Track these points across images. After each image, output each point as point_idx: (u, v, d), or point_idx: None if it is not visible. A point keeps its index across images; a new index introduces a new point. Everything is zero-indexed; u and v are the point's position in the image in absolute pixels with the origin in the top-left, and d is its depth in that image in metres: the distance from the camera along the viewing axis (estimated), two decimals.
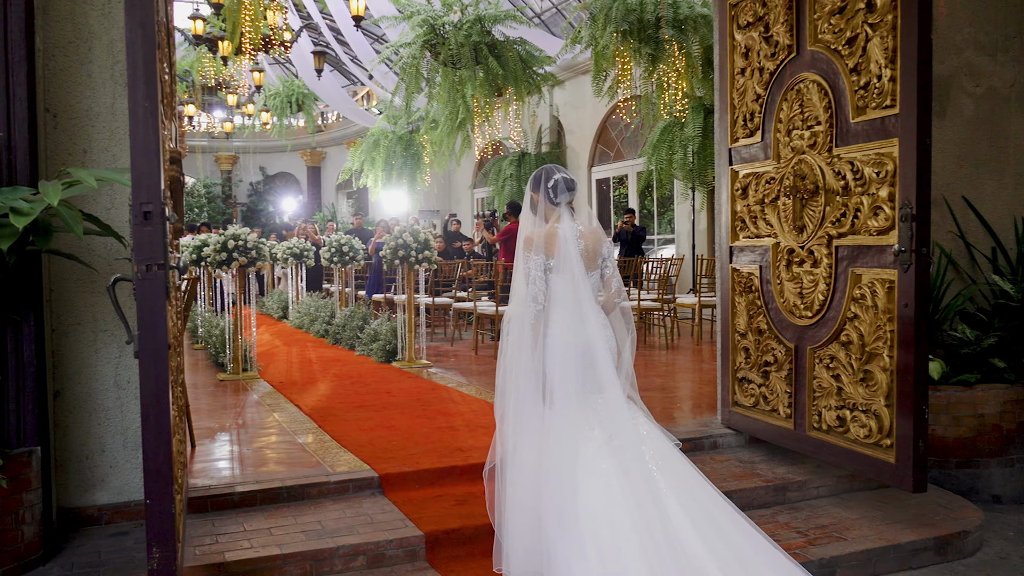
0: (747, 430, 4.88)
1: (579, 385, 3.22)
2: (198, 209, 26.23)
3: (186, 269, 2.41)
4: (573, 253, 3.25)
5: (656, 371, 7.64)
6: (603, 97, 11.60)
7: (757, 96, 4.65)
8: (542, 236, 3.31)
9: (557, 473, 3.04)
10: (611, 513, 2.92)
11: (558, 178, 3.36)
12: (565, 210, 3.34)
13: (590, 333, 3.23)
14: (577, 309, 3.25)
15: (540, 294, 3.26)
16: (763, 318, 4.66)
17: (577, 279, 3.25)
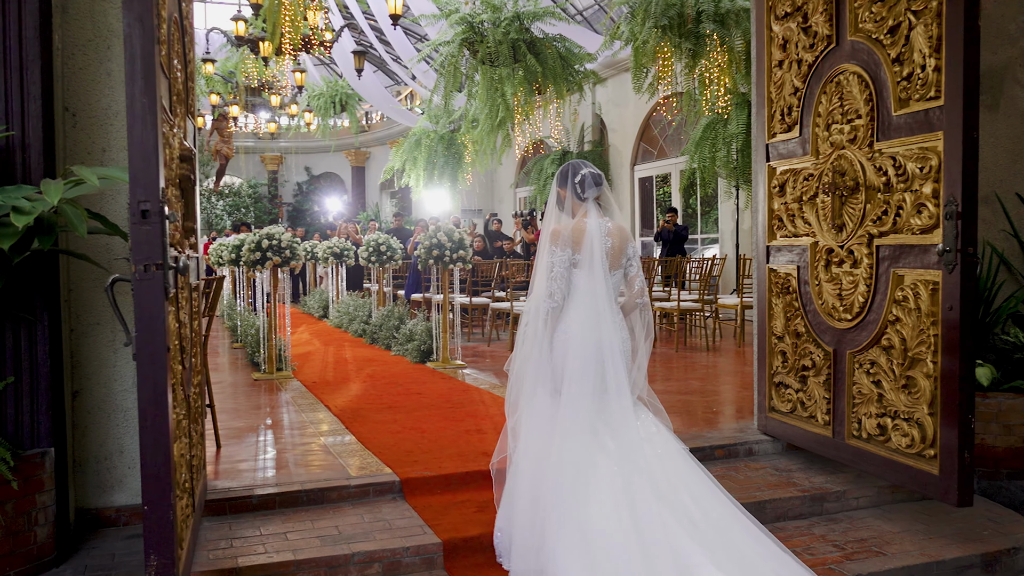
0: (784, 437, 4.69)
1: (589, 384, 3.16)
2: (244, 209, 26.58)
3: (186, 270, 2.33)
4: (599, 250, 3.20)
5: (695, 373, 7.45)
6: (645, 94, 11.41)
7: (795, 89, 4.47)
8: (569, 230, 3.25)
9: (559, 473, 3.01)
10: (608, 517, 2.88)
11: (585, 173, 3.30)
12: (592, 206, 3.29)
13: (605, 332, 3.18)
14: (595, 307, 3.20)
15: (558, 291, 3.21)
16: (801, 320, 4.47)
17: (599, 276, 3.20)
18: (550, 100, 13.30)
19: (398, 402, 6.16)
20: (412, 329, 8.83)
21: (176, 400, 2.61)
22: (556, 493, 2.99)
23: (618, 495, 2.93)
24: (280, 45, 11.07)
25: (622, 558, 2.79)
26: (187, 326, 3.15)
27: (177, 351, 2.74)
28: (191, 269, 3.50)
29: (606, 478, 2.99)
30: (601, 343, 3.17)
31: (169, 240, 2.70)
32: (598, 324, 3.18)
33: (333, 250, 12.79)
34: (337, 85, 19.90)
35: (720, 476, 4.35)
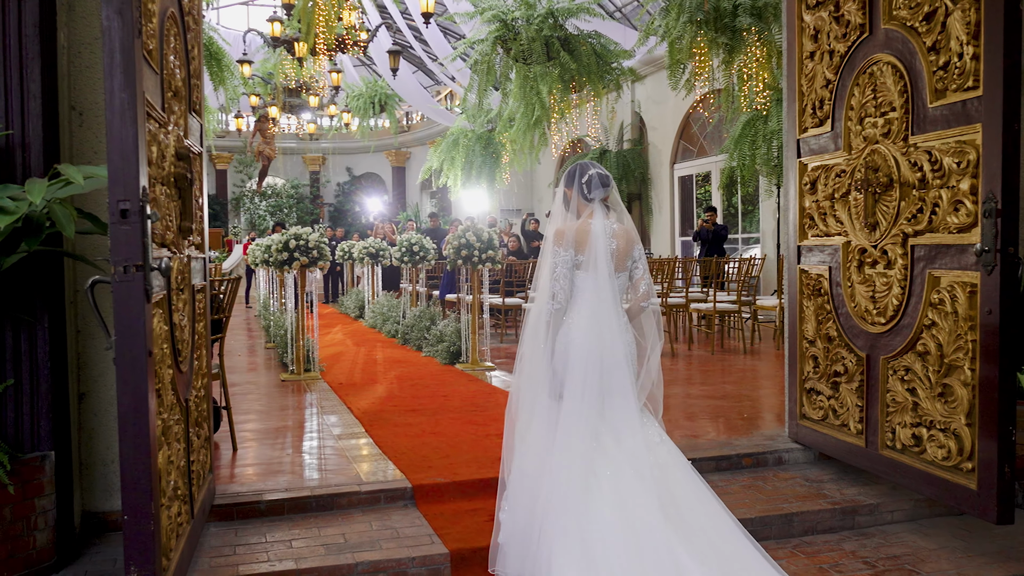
0: (815, 445, 4.49)
1: (592, 388, 3.07)
2: (286, 209, 26.84)
3: (169, 271, 2.25)
4: (603, 251, 3.13)
5: (729, 377, 7.23)
6: (684, 92, 11.17)
7: (827, 82, 4.26)
8: (573, 231, 3.18)
9: (560, 479, 2.93)
10: (607, 527, 2.80)
11: (592, 174, 3.22)
12: (599, 207, 3.21)
13: (609, 335, 3.10)
14: (599, 309, 3.12)
15: (560, 292, 3.14)
16: (833, 324, 4.26)
17: (603, 278, 3.12)
18: (587, 98, 13.12)
19: (421, 405, 6.06)
20: (442, 330, 8.75)
21: (163, 405, 2.53)
22: (556, 501, 2.90)
23: (619, 505, 2.85)
24: (314, 45, 11.07)
25: (620, 569, 2.71)
26: (185, 328, 3.07)
27: (168, 355, 2.67)
28: (195, 270, 3.44)
29: (608, 486, 2.90)
30: (604, 346, 3.09)
31: (160, 240, 2.62)
32: (602, 327, 3.10)
33: (369, 250, 12.77)
34: (376, 85, 19.93)
35: (747, 486, 4.19)
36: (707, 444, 4.74)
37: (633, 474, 2.91)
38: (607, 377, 3.08)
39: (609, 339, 3.10)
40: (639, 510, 2.81)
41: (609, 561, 2.73)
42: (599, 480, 2.91)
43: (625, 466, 2.93)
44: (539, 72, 11.14)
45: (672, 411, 5.71)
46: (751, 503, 3.95)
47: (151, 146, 2.49)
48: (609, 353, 3.09)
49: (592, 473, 2.93)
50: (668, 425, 5.21)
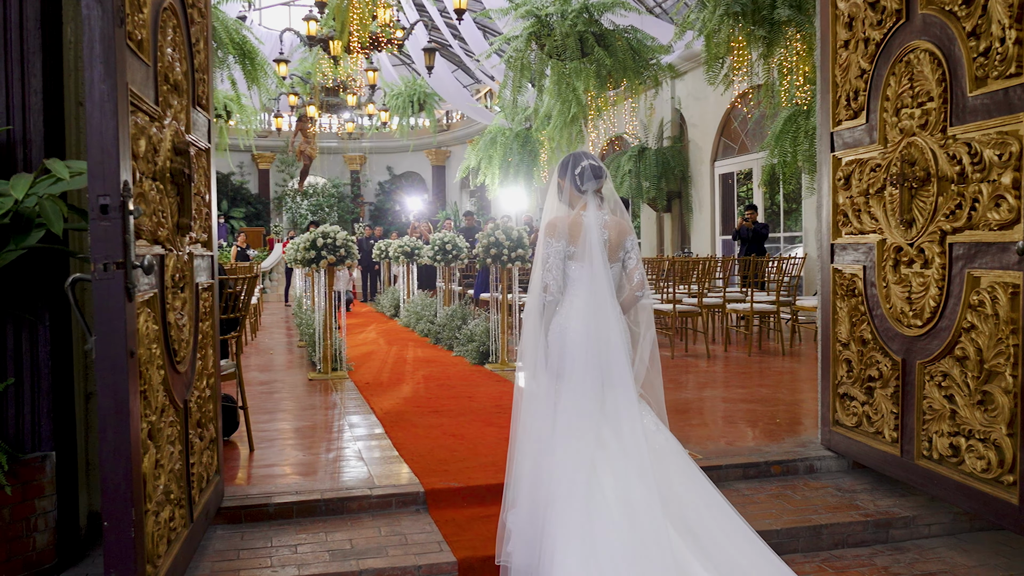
0: (848, 454, 4.28)
1: (589, 378, 3.04)
2: (327, 208, 27.01)
3: (151, 269, 2.16)
4: (596, 243, 3.13)
5: (765, 380, 7.01)
6: (724, 87, 10.90)
7: (862, 71, 4.05)
8: (566, 223, 3.19)
9: (559, 470, 2.90)
10: (606, 516, 2.78)
11: (586, 165, 3.22)
12: (592, 198, 3.21)
13: (604, 325, 3.08)
14: (593, 300, 3.11)
15: (552, 283, 3.15)
16: (867, 326, 4.05)
17: (597, 269, 3.11)
18: (625, 95, 12.91)
19: (445, 406, 5.96)
20: (472, 330, 8.64)
21: (151, 408, 2.45)
22: (557, 492, 2.86)
23: (619, 496, 2.82)
24: (348, 43, 11.04)
25: (619, 557, 2.68)
26: (185, 328, 3.00)
27: (160, 355, 2.59)
28: (200, 268, 3.37)
29: (607, 478, 2.87)
30: (599, 336, 3.07)
31: (151, 237, 2.54)
32: (596, 317, 3.09)
33: (404, 249, 12.73)
34: (415, 84, 19.92)
35: (775, 496, 4.00)
36: (735, 450, 4.55)
37: (633, 465, 2.87)
38: (605, 367, 3.05)
39: (605, 329, 3.07)
40: (639, 502, 2.78)
41: (610, 553, 2.69)
42: (598, 471, 2.88)
43: (624, 457, 2.90)
44: (574, 68, 10.97)
45: (702, 415, 5.53)
46: (778, 513, 3.77)
47: (138, 140, 2.41)
48: (605, 343, 3.06)
49: (591, 464, 2.90)
50: (694, 429, 5.06)
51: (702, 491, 3.00)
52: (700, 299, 8.99)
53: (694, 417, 5.45)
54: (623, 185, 16.02)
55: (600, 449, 2.94)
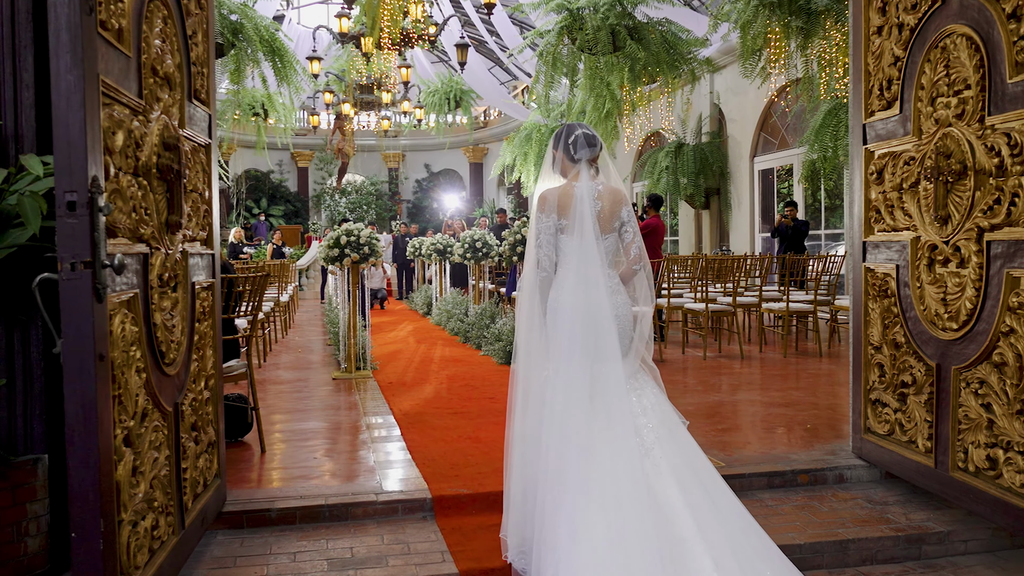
0: (880, 463, 4.06)
1: (583, 353, 2.99)
2: (365, 206, 27.10)
3: (122, 268, 2.06)
4: (588, 213, 3.07)
5: (799, 383, 6.76)
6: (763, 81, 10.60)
7: (895, 59, 3.82)
8: (556, 195, 3.16)
9: (548, 443, 2.90)
10: (597, 494, 2.74)
11: (579, 133, 3.17)
12: (585, 168, 3.16)
13: (597, 298, 3.03)
14: (586, 273, 3.06)
15: (545, 258, 3.14)
16: (900, 329, 3.83)
17: (589, 241, 3.06)
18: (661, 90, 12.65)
19: (466, 407, 5.83)
20: (500, 329, 8.50)
21: (128, 412, 2.35)
22: (549, 467, 2.85)
23: (609, 473, 2.78)
24: (379, 40, 10.97)
25: (602, 536, 2.65)
26: (175, 328, 2.90)
27: (142, 358, 2.49)
28: (198, 267, 3.28)
29: (597, 454, 2.84)
30: (592, 310, 3.01)
31: (131, 234, 2.45)
32: (590, 290, 3.03)
33: (436, 247, 12.64)
34: (452, 81, 19.84)
35: (800, 507, 3.80)
36: (761, 457, 4.35)
37: (623, 441, 2.84)
38: (596, 341, 3.00)
39: (597, 302, 3.01)
40: (628, 480, 2.75)
41: (601, 532, 2.66)
42: (590, 446, 2.85)
43: (614, 432, 2.87)
44: (607, 63, 10.76)
45: (728, 419, 5.32)
46: (802, 526, 3.57)
47: (114, 133, 2.31)
48: (597, 316, 3.01)
49: (582, 439, 2.86)
50: (719, 434, 4.85)
51: (698, 470, 2.95)
52: (734, 298, 8.74)
53: (720, 421, 5.25)
54: (660, 182, 15.75)
55: (591, 426, 2.90)
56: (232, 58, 9.51)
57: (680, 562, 2.61)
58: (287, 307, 12.28)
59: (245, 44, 9.25)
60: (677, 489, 2.79)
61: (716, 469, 3.06)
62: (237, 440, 4.88)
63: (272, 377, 7.39)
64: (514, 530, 3.06)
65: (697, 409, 5.67)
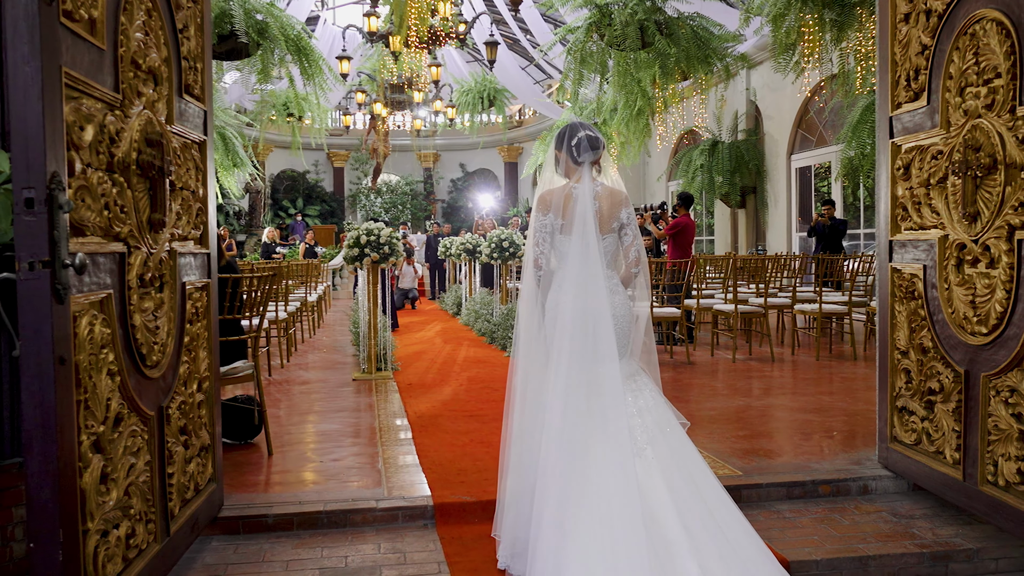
0: (907, 474, 3.85)
1: (580, 352, 2.97)
2: (400, 206, 27.14)
3: (83, 268, 1.96)
4: (587, 214, 3.06)
5: (829, 387, 6.52)
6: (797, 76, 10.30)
7: (923, 47, 3.62)
8: (555, 196, 3.16)
9: (547, 443, 2.87)
10: (588, 489, 2.73)
11: (582, 136, 3.16)
12: (587, 169, 3.16)
13: (596, 299, 3.01)
14: (585, 273, 3.04)
15: (542, 257, 3.15)
16: (927, 333, 3.62)
17: (588, 242, 3.05)
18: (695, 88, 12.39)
19: (482, 410, 5.71)
20: None
21: (96, 418, 2.27)
22: (544, 466, 2.83)
23: (603, 473, 2.77)
24: (407, 38, 10.90)
25: (600, 535, 2.62)
26: (160, 330, 2.81)
27: (116, 360, 2.40)
28: (189, 266, 3.20)
29: (592, 453, 2.83)
30: (591, 310, 2.99)
31: (103, 233, 2.36)
32: (588, 290, 3.02)
33: (465, 246, 12.54)
34: (485, 80, 19.71)
35: (820, 519, 3.61)
36: (781, 466, 4.17)
37: (616, 442, 2.81)
38: (595, 341, 2.98)
39: (595, 303, 3.00)
40: (621, 482, 2.71)
41: (592, 533, 2.63)
42: (585, 447, 2.83)
43: (608, 433, 2.85)
44: (637, 59, 10.55)
45: (750, 425, 5.13)
46: (820, 540, 3.38)
47: (81, 127, 2.22)
48: (595, 317, 2.99)
49: (577, 440, 2.84)
50: (739, 441, 4.67)
51: (693, 472, 2.91)
52: (765, 299, 8.50)
53: (743, 427, 5.06)
54: (694, 181, 15.49)
55: (586, 426, 2.88)
56: (259, 57, 9.50)
57: (668, 564, 2.58)
58: (316, 307, 12.28)
59: (271, 44, 9.23)
60: (666, 491, 2.77)
61: (717, 475, 3.04)
62: (246, 442, 4.81)
63: (293, 377, 7.35)
64: (508, 530, 3.04)
65: (720, 414, 5.49)
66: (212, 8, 8.80)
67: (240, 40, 8.72)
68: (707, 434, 4.88)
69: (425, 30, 10.95)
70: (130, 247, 2.56)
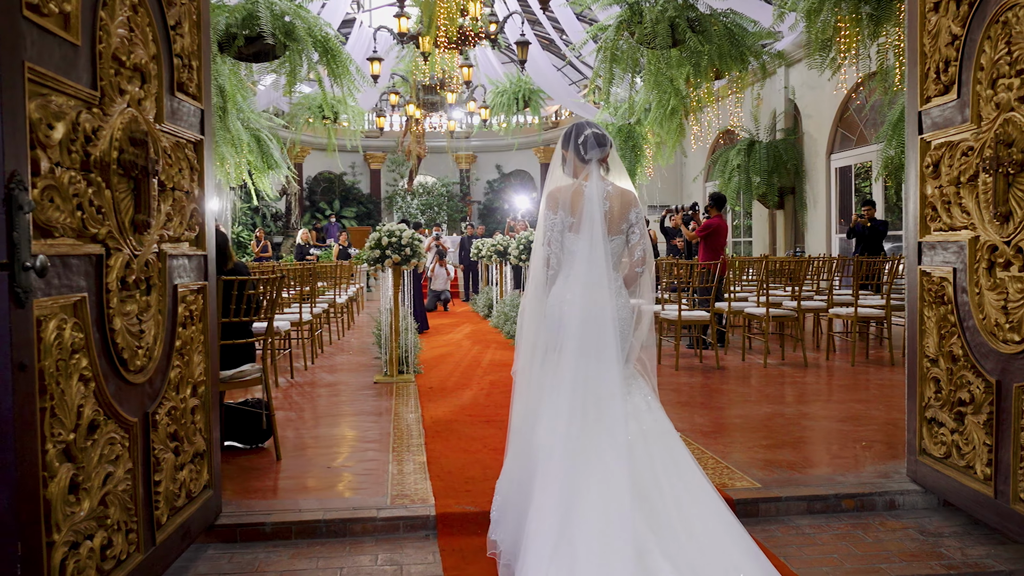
0: (936, 489, 3.64)
1: (580, 352, 2.94)
2: (436, 207, 27.15)
3: (44, 271, 1.88)
4: (596, 214, 3.03)
5: (862, 394, 6.28)
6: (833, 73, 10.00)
7: (953, 37, 3.41)
8: (566, 194, 3.12)
9: (539, 443, 2.86)
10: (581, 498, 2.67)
11: (588, 134, 3.12)
12: (595, 168, 3.11)
13: (600, 300, 2.98)
14: (590, 272, 3.02)
15: (552, 256, 3.11)
16: (957, 340, 3.42)
17: (596, 241, 3.02)
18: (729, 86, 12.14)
19: (499, 415, 5.59)
20: None
21: (65, 425, 2.19)
22: (539, 467, 2.80)
23: (595, 477, 2.72)
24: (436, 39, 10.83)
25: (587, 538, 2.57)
26: (146, 335, 2.74)
27: (90, 366, 2.32)
28: (181, 268, 3.12)
29: (585, 456, 2.78)
30: (595, 311, 2.97)
31: (77, 234, 2.29)
32: (592, 290, 2.99)
33: (497, 248, 12.44)
34: (520, 81, 19.61)
35: (841, 536, 3.43)
36: (803, 478, 3.98)
37: (609, 443, 2.78)
38: (596, 342, 2.95)
39: (599, 304, 2.97)
40: (612, 484, 2.68)
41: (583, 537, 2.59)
42: (580, 449, 2.78)
43: (603, 435, 2.82)
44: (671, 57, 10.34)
45: (775, 434, 4.93)
46: (839, 559, 3.20)
47: (52, 125, 2.14)
48: (599, 318, 2.96)
49: (573, 442, 2.80)
50: (760, 451, 4.48)
51: (687, 480, 2.83)
52: (798, 302, 8.26)
53: (768, 436, 4.86)
54: (731, 181, 15.21)
55: (582, 427, 2.83)
56: (287, 59, 9.50)
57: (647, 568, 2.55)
58: (346, 308, 12.26)
59: (298, 45, 9.22)
60: (631, 495, 2.68)
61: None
62: (256, 446, 4.75)
63: (315, 380, 7.30)
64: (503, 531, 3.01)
65: (745, 422, 5.30)
66: (239, 11, 8.82)
67: (267, 42, 8.72)
68: (729, 443, 4.70)
69: (454, 30, 10.87)
70: (109, 249, 2.48)
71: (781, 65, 14.17)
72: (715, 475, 4.01)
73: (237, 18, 8.70)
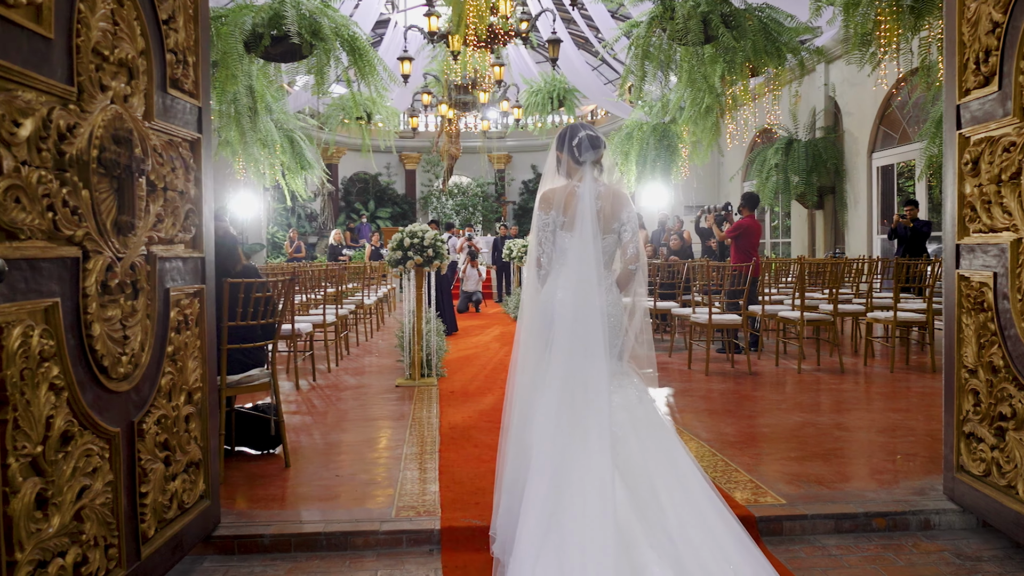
0: (974, 509, 3.40)
1: (572, 350, 2.94)
2: (471, 208, 27.06)
3: (3, 275, 1.77)
4: (588, 213, 3.06)
5: (901, 403, 6.00)
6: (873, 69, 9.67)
7: (993, 25, 3.18)
8: (560, 194, 3.16)
9: (532, 436, 2.87)
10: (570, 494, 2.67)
11: (583, 136, 3.16)
12: (589, 169, 3.15)
13: (590, 295, 2.99)
14: (582, 271, 3.04)
15: (544, 255, 3.16)
16: (997, 350, 3.18)
17: (587, 240, 3.04)
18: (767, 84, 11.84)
19: None
20: None
21: (30, 438, 2.07)
22: (532, 463, 2.79)
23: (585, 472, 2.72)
24: (465, 37, 10.71)
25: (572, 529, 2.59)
26: (131, 340, 2.63)
27: (55, 375, 2.21)
28: (176, 271, 3.02)
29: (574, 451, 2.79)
30: (584, 307, 2.98)
31: (47, 235, 2.18)
32: (584, 288, 3.01)
33: (527, 249, 12.28)
34: (554, 80, 19.42)
35: (871, 558, 3.22)
36: (831, 494, 3.76)
37: (596, 434, 2.78)
38: (583, 337, 2.95)
39: (590, 302, 2.98)
40: (599, 480, 2.67)
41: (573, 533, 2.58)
42: (568, 442, 2.79)
43: (590, 428, 2.81)
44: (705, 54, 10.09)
45: (805, 445, 4.69)
46: None
47: (18, 122, 2.03)
48: (589, 315, 2.96)
49: (563, 437, 2.81)
50: (788, 464, 4.25)
51: (678, 470, 2.83)
52: (835, 306, 7.98)
53: (796, 447, 4.64)
54: (769, 181, 14.87)
55: (573, 422, 2.84)
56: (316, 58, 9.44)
57: (633, 563, 2.54)
58: (375, 309, 12.20)
59: (325, 44, 9.15)
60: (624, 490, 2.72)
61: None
62: (267, 452, 4.65)
63: (336, 383, 7.21)
64: (502, 529, 3.00)
65: (774, 431, 5.07)
66: (265, 10, 8.78)
67: (293, 41, 8.66)
68: (756, 455, 4.49)
69: (484, 29, 10.73)
70: (87, 251, 2.37)
71: (820, 62, 13.84)
72: (738, 489, 3.81)
73: (263, 18, 8.66)
